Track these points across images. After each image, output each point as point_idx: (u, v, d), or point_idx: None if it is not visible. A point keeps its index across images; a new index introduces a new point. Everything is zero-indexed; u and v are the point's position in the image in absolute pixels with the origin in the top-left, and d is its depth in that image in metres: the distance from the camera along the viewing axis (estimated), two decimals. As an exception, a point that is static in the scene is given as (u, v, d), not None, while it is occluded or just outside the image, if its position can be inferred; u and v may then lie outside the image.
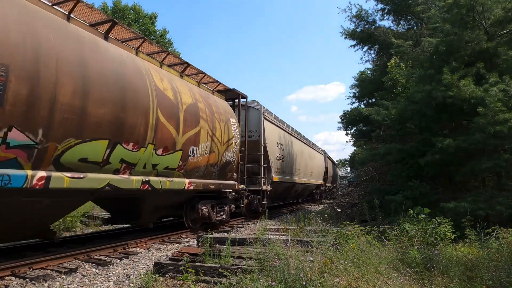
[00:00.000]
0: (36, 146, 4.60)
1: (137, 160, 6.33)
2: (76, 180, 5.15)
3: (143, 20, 23.15)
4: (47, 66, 4.65)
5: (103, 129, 5.46)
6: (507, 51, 8.07)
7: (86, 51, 5.36)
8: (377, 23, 16.86)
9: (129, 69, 6.20)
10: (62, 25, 5.21)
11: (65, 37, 5.09)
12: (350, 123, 20.63)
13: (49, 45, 4.74)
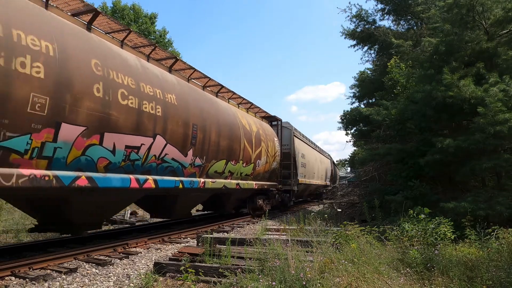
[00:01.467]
0: (202, 165, 8.54)
1: (235, 171, 10.30)
2: (213, 183, 9.15)
3: (142, 20, 23.15)
4: (208, 122, 8.61)
5: (224, 153, 9.43)
6: (507, 51, 8.08)
7: (219, 109, 9.52)
8: (377, 23, 16.90)
9: (231, 115, 10.15)
10: (212, 98, 9.67)
11: (211, 104, 9.23)
12: (350, 123, 20.63)
13: (209, 111, 8.84)
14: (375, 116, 10.59)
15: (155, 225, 10.19)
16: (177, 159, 7.55)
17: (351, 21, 17.24)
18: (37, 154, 4.70)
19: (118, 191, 6.28)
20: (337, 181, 35.08)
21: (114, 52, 6.29)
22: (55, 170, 4.98)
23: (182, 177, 7.87)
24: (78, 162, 5.32)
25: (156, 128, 6.70)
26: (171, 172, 7.53)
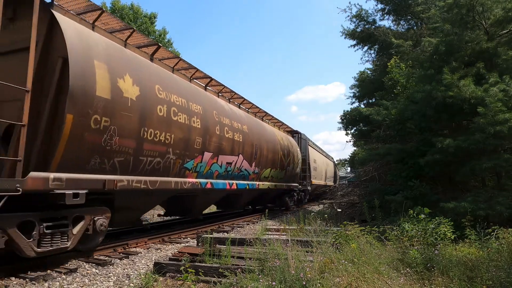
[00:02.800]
0: (259, 172, 11.88)
1: (275, 175, 13.63)
2: (263, 185, 12.47)
3: (142, 20, 23.12)
4: (262, 141, 12.00)
5: (269, 163, 12.67)
6: (507, 51, 8.08)
7: (266, 131, 12.80)
8: (377, 23, 16.89)
9: (271, 134, 13.36)
10: (261, 122, 12.96)
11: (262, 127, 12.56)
12: (350, 123, 20.62)
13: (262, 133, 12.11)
14: (375, 116, 10.59)
15: (155, 225, 10.19)
16: (247, 169, 11.07)
17: (351, 21, 17.25)
18: (194, 170, 8.12)
19: (219, 191, 9.79)
20: (337, 181, 35.27)
21: (217, 100, 9.74)
22: (199, 178, 8.45)
23: (248, 181, 11.36)
24: (207, 173, 8.77)
25: (239, 150, 10.24)
26: (243, 177, 11.01)
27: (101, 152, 5.46)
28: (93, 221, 5.54)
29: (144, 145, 6.31)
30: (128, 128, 5.89)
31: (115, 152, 5.72)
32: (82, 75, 5.05)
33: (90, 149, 5.25)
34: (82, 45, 5.21)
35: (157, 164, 6.79)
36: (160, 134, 6.71)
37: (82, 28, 5.53)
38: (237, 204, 12.43)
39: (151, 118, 6.39)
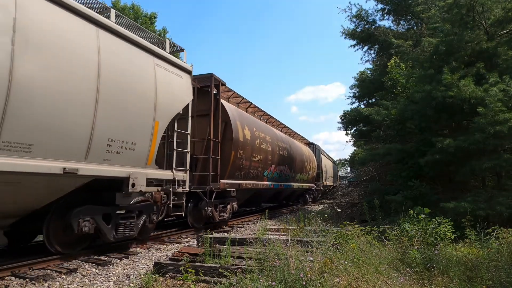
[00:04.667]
0: (293, 176, 16.44)
1: (301, 178, 17.84)
2: (296, 185, 17.15)
3: (142, 20, 23.15)
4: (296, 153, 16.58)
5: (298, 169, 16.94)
6: (507, 51, 8.07)
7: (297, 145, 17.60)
8: (377, 23, 16.88)
9: (299, 147, 17.86)
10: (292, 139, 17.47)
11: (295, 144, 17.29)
12: (350, 123, 20.61)
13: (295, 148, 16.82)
14: (375, 116, 10.59)
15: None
16: (288, 174, 15.43)
17: (351, 21, 17.24)
18: (267, 176, 12.61)
19: (275, 189, 14.31)
20: (337, 181, 35.48)
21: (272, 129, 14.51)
22: (268, 181, 13.01)
23: (288, 183, 15.77)
24: (271, 178, 13.33)
25: (285, 161, 14.70)
26: (286, 180, 15.41)
27: (239, 169, 10.39)
28: (232, 206, 10.34)
29: (252, 163, 11.16)
30: (247, 155, 10.65)
31: (242, 169, 10.59)
32: (236, 130, 9.84)
33: (236, 168, 10.21)
34: (232, 113, 10.05)
35: (254, 173, 11.59)
36: (257, 156, 11.46)
37: (229, 104, 10.51)
38: (279, 199, 17.88)
39: (254, 148, 11.14)
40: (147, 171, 6.40)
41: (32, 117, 4.44)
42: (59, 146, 4.83)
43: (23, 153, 4.40)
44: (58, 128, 4.76)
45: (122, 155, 5.82)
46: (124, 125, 5.79)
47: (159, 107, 6.53)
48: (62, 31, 4.86)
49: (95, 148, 5.33)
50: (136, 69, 6.16)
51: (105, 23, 5.58)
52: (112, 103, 5.53)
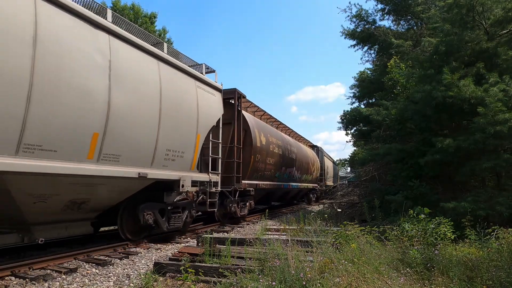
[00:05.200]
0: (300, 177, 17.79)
1: (306, 178, 19.12)
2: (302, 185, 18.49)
3: (142, 20, 23.14)
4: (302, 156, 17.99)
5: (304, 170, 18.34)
6: (507, 51, 8.07)
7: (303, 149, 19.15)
8: (377, 23, 16.84)
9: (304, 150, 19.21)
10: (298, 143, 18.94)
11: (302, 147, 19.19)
12: (350, 123, 20.57)
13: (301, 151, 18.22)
14: (375, 116, 10.59)
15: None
16: (295, 175, 16.70)
17: (351, 21, 17.20)
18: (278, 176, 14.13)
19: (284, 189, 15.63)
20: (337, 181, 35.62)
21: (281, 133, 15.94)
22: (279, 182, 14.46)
23: (296, 183, 17.14)
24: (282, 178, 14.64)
25: (293, 163, 16.05)
26: (294, 181, 16.71)
27: (256, 171, 11.77)
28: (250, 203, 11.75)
29: (266, 165, 12.57)
30: (263, 158, 12.03)
31: (259, 170, 12.02)
32: (254, 137, 11.15)
33: (254, 170, 11.59)
34: (251, 122, 11.34)
35: (268, 175, 13.01)
36: (271, 159, 12.84)
37: (248, 114, 11.88)
38: (287, 198, 19.24)
39: (268, 152, 12.53)
40: (192, 174, 7.87)
41: (121, 134, 5.75)
42: (135, 156, 6.19)
43: (114, 162, 5.75)
44: (135, 141, 6.12)
45: (175, 162, 7.26)
46: (176, 137, 7.21)
47: (200, 122, 7.96)
48: (137, 66, 6.23)
49: (158, 157, 6.72)
50: (184, 92, 7.53)
51: (163, 56, 6.94)
52: (169, 120, 6.89)
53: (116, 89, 5.60)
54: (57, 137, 4.80)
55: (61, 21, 4.90)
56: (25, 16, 4.37)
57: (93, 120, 5.28)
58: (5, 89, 4.15)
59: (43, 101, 4.55)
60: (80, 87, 5.05)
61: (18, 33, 4.28)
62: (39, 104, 4.51)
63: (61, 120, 4.81)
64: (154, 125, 6.53)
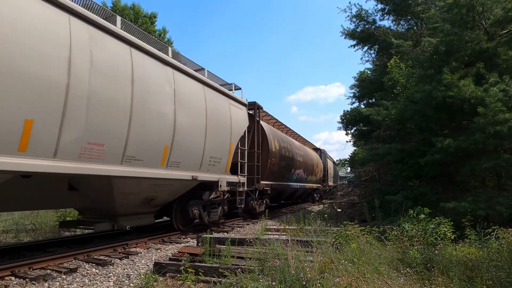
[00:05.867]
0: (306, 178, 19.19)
1: (312, 179, 20.50)
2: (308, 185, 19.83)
3: (142, 20, 23.12)
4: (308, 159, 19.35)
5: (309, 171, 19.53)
6: (507, 51, 8.06)
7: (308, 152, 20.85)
8: (377, 23, 16.85)
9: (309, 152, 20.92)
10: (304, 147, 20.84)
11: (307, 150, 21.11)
12: (350, 123, 20.56)
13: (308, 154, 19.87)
14: (375, 116, 10.58)
15: (156, 225, 10.18)
16: (303, 176, 18.13)
17: (351, 21, 17.20)
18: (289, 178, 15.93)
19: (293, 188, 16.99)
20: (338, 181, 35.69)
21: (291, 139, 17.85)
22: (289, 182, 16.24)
23: (303, 183, 18.47)
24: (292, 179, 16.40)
25: (301, 166, 17.43)
26: (301, 181, 18.05)
27: (272, 173, 13.25)
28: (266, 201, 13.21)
29: (279, 168, 14.15)
30: (277, 161, 13.66)
31: (274, 172, 13.58)
32: (270, 143, 12.72)
33: (270, 172, 13.06)
34: (267, 130, 12.97)
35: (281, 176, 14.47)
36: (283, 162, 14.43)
37: (265, 123, 13.45)
38: (294, 197, 20.53)
39: (281, 156, 14.14)
40: (226, 176, 9.53)
41: (181, 145, 7.41)
42: (189, 162, 7.84)
43: (176, 168, 7.40)
44: (190, 150, 7.82)
45: (215, 166, 8.88)
46: (216, 146, 8.81)
47: (232, 133, 9.60)
48: (190, 92, 7.91)
49: (204, 162, 8.40)
50: (221, 108, 9.18)
51: (206, 81, 8.70)
52: (212, 133, 8.52)
53: (179, 111, 7.28)
54: (144, 150, 6.39)
55: (145, 63, 6.51)
56: (127, 63, 6.03)
57: (165, 136, 6.92)
58: (119, 116, 5.76)
59: (138, 124, 6.13)
60: (158, 111, 6.67)
61: (126, 75, 5.96)
62: (135, 126, 6.08)
63: (147, 137, 6.40)
64: (202, 137, 8.19)
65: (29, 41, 4.41)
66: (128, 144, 5.95)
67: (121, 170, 5.91)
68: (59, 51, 4.82)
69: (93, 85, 5.28)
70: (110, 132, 5.64)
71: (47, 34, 4.66)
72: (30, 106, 4.42)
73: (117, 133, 5.74)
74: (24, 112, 4.37)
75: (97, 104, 5.35)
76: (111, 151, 5.70)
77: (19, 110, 4.31)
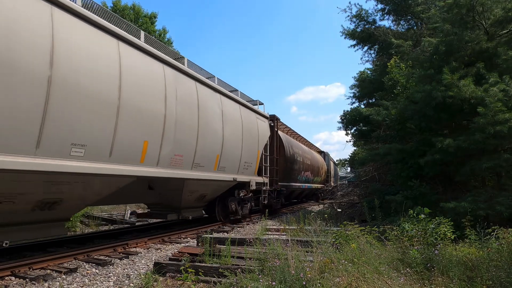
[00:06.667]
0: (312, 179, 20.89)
1: (316, 180, 22.09)
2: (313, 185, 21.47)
3: (142, 20, 23.12)
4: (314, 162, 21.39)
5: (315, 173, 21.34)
6: (507, 51, 8.06)
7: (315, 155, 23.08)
8: (377, 23, 16.83)
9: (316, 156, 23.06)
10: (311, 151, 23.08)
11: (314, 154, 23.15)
12: (350, 123, 20.53)
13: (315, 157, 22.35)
14: (375, 116, 10.58)
15: (155, 225, 10.19)
16: (309, 177, 19.63)
17: (351, 21, 17.18)
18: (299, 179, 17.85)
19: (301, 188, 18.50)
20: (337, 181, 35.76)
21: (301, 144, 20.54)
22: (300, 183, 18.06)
23: (309, 184, 19.93)
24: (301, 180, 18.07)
25: (308, 168, 19.16)
26: (308, 182, 19.57)
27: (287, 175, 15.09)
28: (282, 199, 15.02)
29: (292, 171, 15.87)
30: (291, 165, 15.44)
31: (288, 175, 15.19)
32: (286, 150, 14.87)
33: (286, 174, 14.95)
34: (283, 139, 14.94)
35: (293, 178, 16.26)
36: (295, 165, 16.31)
37: (281, 133, 15.16)
38: (301, 196, 21.95)
39: (294, 160, 16.06)
40: (255, 178, 11.72)
41: (227, 154, 9.50)
42: (232, 167, 9.94)
43: (223, 171, 9.47)
44: (232, 158, 9.87)
45: (247, 170, 11.05)
46: (249, 154, 10.93)
47: (259, 142, 11.79)
48: (231, 111, 9.98)
49: (241, 167, 10.52)
50: (251, 122, 11.30)
51: (242, 101, 10.91)
52: (246, 143, 10.63)
53: (225, 127, 9.33)
54: (205, 158, 8.47)
55: (205, 92, 8.65)
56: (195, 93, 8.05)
57: (217, 147, 9.01)
58: (192, 133, 7.88)
59: (202, 139, 8.21)
60: (213, 128, 8.75)
61: (194, 103, 8.03)
62: (201, 140, 8.17)
63: (207, 148, 8.50)
64: (240, 147, 10.25)
65: (147, 87, 6.44)
66: (196, 154, 8.11)
67: (192, 174, 8.13)
68: (160, 90, 6.79)
69: (178, 113, 7.29)
70: (186, 145, 7.72)
71: (153, 79, 6.66)
72: (145, 131, 6.38)
73: (190, 146, 7.87)
74: (143, 136, 6.34)
75: (180, 126, 7.36)
76: (186, 160, 7.81)
77: (140, 135, 6.24)
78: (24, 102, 4.31)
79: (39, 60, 4.46)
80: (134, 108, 5.98)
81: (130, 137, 6.00)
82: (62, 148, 4.83)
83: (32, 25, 4.45)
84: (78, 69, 4.96)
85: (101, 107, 5.35)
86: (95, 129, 5.24)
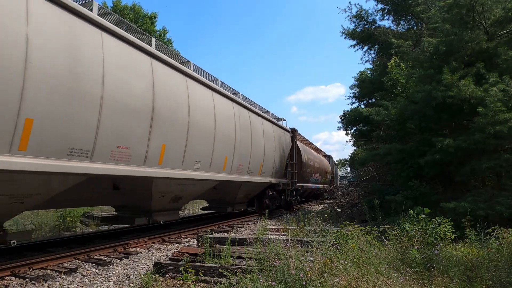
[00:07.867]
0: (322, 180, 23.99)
1: (323, 180, 24.12)
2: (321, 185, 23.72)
3: (142, 20, 23.12)
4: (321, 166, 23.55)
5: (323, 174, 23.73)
6: (507, 51, 8.06)
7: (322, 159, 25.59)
8: (377, 23, 16.82)
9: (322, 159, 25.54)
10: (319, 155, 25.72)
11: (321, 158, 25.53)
12: (350, 123, 20.52)
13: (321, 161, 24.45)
14: (375, 116, 10.58)
15: (155, 225, 10.19)
16: (318, 178, 21.81)
17: (351, 21, 17.17)
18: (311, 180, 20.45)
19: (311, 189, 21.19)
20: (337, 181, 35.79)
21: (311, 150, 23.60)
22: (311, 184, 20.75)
23: (317, 184, 22.06)
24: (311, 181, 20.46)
25: (317, 171, 21.52)
26: (317, 183, 21.78)
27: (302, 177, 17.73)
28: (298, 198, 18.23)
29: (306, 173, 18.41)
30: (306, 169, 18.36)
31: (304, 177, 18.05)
32: (303, 156, 17.87)
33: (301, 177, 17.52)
34: (300, 148, 17.84)
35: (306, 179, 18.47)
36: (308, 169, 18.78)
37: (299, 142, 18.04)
38: (310, 195, 23.93)
39: (308, 165, 18.72)
40: (282, 179, 14.56)
41: (266, 162, 12.60)
42: (268, 171, 12.88)
43: (263, 175, 12.47)
44: (269, 165, 12.78)
45: (277, 173, 13.89)
46: (279, 161, 13.92)
47: (285, 152, 14.73)
48: (268, 129, 12.90)
49: (274, 172, 13.47)
50: (280, 137, 14.28)
51: (274, 121, 13.91)
52: (277, 153, 13.65)
53: (265, 142, 12.44)
54: (254, 166, 11.47)
55: (253, 118, 11.62)
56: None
57: (260, 157, 11.96)
58: (247, 148, 10.62)
59: (253, 152, 11.23)
60: (259, 144, 11.74)
61: (247, 129, 10.85)
62: (252, 153, 11.18)
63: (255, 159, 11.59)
64: (273, 157, 13.11)
65: (226, 120, 9.51)
66: (250, 163, 10.99)
67: (247, 178, 11.11)
68: (232, 121, 9.94)
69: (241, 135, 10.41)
70: (245, 158, 10.72)
71: (229, 115, 9.81)
72: (226, 149, 9.41)
73: (246, 158, 10.75)
74: (225, 153, 9.36)
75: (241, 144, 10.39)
76: (245, 168, 10.73)
77: (224, 152, 9.41)
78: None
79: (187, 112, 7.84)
80: (221, 134, 9.07)
81: (219, 154, 9.03)
82: (191, 164, 7.93)
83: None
84: (198, 112, 8.13)
85: (206, 135, 8.42)
86: (202, 149, 8.28)
